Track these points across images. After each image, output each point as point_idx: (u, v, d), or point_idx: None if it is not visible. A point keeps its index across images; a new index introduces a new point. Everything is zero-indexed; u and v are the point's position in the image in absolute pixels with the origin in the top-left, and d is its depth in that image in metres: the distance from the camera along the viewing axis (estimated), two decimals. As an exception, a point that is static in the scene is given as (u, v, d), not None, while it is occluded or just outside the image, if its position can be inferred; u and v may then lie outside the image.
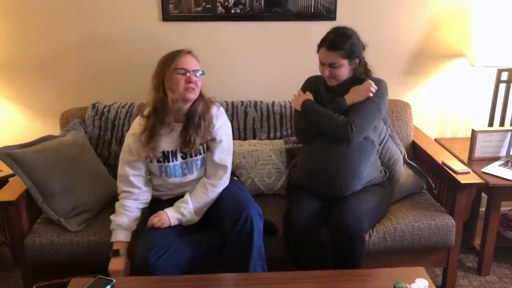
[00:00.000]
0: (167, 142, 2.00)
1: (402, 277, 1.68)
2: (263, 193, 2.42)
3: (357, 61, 2.10)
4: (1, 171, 2.47)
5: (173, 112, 1.97)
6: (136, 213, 2.04)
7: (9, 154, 2.09)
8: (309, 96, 2.18)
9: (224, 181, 2.07)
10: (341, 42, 2.04)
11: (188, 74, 1.93)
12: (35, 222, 2.18)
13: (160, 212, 1.99)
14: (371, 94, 2.07)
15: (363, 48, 2.13)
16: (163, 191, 2.12)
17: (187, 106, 1.98)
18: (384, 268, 1.87)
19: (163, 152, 2.01)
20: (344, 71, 2.09)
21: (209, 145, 2.05)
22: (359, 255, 2.00)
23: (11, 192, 2.12)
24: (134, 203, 2.04)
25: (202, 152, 2.05)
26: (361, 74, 2.13)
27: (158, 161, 2.02)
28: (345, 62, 2.07)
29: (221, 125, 2.06)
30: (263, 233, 2.03)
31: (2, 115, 2.75)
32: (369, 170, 2.16)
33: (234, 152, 2.37)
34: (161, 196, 2.13)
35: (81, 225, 2.13)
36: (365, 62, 2.17)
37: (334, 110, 2.10)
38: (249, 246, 1.89)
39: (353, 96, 2.09)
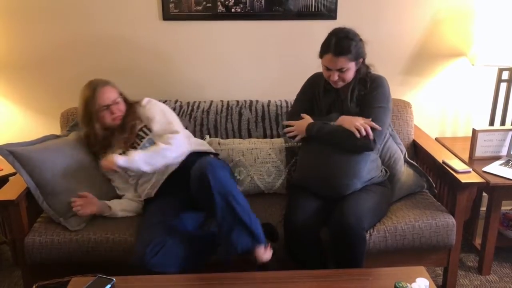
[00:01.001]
0: (113, 150, 2.19)
1: (403, 277, 1.68)
2: (263, 192, 2.42)
3: (361, 60, 2.12)
4: (2, 169, 2.47)
5: (104, 133, 2.20)
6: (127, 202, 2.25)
7: (11, 152, 2.09)
8: (306, 118, 2.15)
9: (174, 139, 2.11)
10: (347, 46, 2.02)
11: (110, 107, 2.15)
12: (35, 221, 2.18)
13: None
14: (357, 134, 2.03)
15: (363, 45, 2.13)
16: (144, 182, 2.21)
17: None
18: (385, 268, 1.87)
19: None
20: (352, 73, 2.10)
21: (149, 126, 2.21)
22: (360, 254, 2.00)
23: (11, 191, 2.12)
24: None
25: (145, 134, 2.21)
26: (364, 73, 2.14)
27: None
28: (352, 64, 2.07)
29: (149, 108, 2.22)
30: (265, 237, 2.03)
31: (2, 115, 2.74)
32: (369, 169, 2.15)
33: (233, 149, 2.38)
34: (150, 192, 2.19)
35: (81, 225, 2.13)
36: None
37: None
38: (213, 201, 1.83)
39: (342, 122, 2.08)
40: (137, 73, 2.73)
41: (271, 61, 2.75)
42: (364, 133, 2.02)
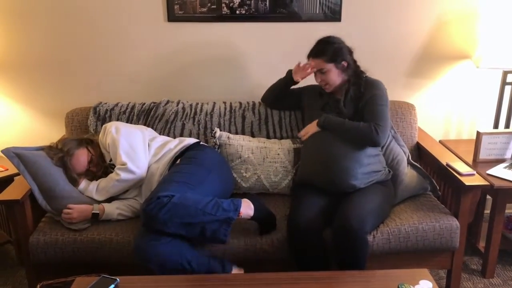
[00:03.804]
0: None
1: (406, 279, 1.68)
2: (267, 191, 2.42)
3: (344, 64, 2.22)
4: (7, 169, 2.49)
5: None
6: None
7: (17, 154, 2.10)
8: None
9: (121, 172, 2.14)
10: (324, 49, 2.23)
11: (87, 171, 2.23)
12: (40, 221, 2.19)
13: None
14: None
15: (350, 52, 2.26)
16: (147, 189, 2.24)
17: None
18: (388, 270, 1.86)
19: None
20: (333, 75, 2.24)
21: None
22: (363, 257, 2.00)
23: (16, 190, 2.13)
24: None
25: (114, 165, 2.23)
26: (351, 74, 2.25)
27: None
28: (331, 66, 2.22)
29: (104, 140, 2.23)
30: (265, 227, 2.10)
31: (7, 115, 2.76)
32: (370, 159, 2.18)
33: (242, 146, 2.38)
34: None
35: (85, 224, 2.13)
36: (357, 65, 2.29)
37: None
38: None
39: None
40: (141, 74, 2.74)
41: (275, 63, 2.75)
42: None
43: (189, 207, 1.92)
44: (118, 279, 1.71)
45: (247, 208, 2.04)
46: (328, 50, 2.22)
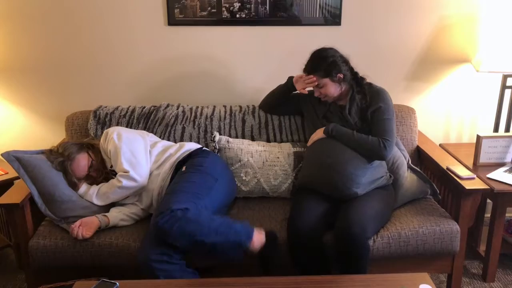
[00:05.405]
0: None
1: (406, 283, 1.68)
2: (267, 195, 2.42)
3: (340, 76, 2.21)
4: (7, 173, 2.49)
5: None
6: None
7: (18, 158, 2.11)
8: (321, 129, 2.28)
9: (123, 178, 2.13)
10: (317, 65, 2.22)
11: (87, 175, 2.22)
12: (39, 225, 2.19)
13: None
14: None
15: (346, 62, 2.24)
16: (147, 195, 2.24)
17: None
18: (388, 274, 1.86)
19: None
20: (330, 88, 2.23)
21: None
22: (364, 262, 2.00)
23: (16, 194, 2.13)
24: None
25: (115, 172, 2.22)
26: (352, 84, 2.25)
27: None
28: (326, 80, 2.21)
29: (106, 146, 2.22)
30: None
31: (7, 118, 2.76)
32: (373, 166, 2.18)
33: (242, 150, 2.39)
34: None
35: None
36: (356, 73, 2.28)
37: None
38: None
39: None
40: (141, 77, 2.75)
41: (275, 67, 2.76)
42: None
43: (203, 225, 1.92)
44: (117, 283, 1.71)
45: (257, 242, 1.98)
46: (321, 65, 2.20)
